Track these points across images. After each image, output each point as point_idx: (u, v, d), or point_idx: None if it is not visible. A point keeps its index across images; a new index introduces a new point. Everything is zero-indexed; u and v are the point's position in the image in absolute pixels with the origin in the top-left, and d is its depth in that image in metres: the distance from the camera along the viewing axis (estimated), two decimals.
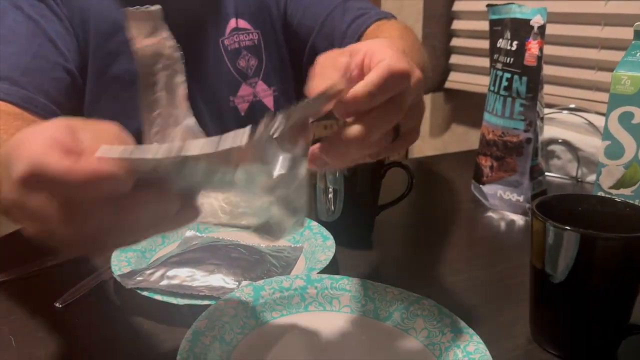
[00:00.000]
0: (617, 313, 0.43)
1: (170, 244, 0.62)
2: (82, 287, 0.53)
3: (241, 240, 0.61)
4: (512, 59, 0.74)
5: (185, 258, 0.54)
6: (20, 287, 0.55)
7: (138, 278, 0.50)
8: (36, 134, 0.31)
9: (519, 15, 0.72)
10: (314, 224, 0.64)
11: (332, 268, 0.57)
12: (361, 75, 0.39)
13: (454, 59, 1.71)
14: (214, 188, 0.35)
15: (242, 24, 0.89)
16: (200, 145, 0.28)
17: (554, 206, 0.46)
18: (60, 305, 0.51)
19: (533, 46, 0.71)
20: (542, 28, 0.70)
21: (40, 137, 0.30)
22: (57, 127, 0.31)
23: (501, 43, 0.76)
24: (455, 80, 1.72)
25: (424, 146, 1.94)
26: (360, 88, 0.37)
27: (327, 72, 0.39)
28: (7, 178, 0.31)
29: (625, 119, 0.58)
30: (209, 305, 0.45)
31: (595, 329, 0.43)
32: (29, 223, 0.33)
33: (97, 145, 0.30)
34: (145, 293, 0.49)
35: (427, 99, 1.88)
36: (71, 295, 0.52)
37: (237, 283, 0.50)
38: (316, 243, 0.61)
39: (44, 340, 0.46)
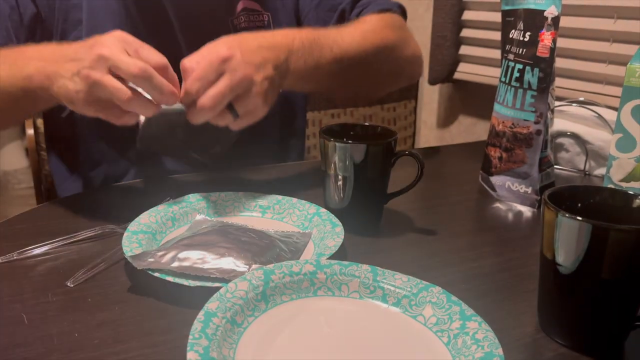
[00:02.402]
0: (626, 305, 0.43)
1: (180, 227, 0.62)
2: (93, 268, 0.54)
3: (250, 225, 0.61)
4: (524, 50, 0.73)
5: (196, 241, 0.54)
6: (32, 266, 0.55)
7: (149, 259, 0.51)
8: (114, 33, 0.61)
9: (532, 6, 0.72)
10: (323, 210, 0.65)
11: (341, 254, 0.57)
12: None
13: (464, 49, 1.70)
14: None
15: (252, 5, 0.90)
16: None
17: (565, 197, 0.46)
18: (72, 285, 0.51)
19: (546, 37, 0.71)
20: (556, 19, 0.70)
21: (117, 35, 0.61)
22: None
23: (513, 34, 0.76)
24: (464, 71, 1.71)
25: (431, 137, 1.94)
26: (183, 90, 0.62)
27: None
28: (87, 53, 0.59)
29: (637, 112, 0.58)
30: (219, 287, 0.45)
31: (604, 320, 0.44)
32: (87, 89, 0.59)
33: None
34: (156, 274, 0.49)
35: (435, 89, 1.87)
36: (82, 275, 0.53)
37: (247, 266, 0.51)
38: (325, 229, 0.61)
39: (56, 318, 0.47)
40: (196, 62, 0.62)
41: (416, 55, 0.93)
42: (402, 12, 0.95)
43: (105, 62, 0.58)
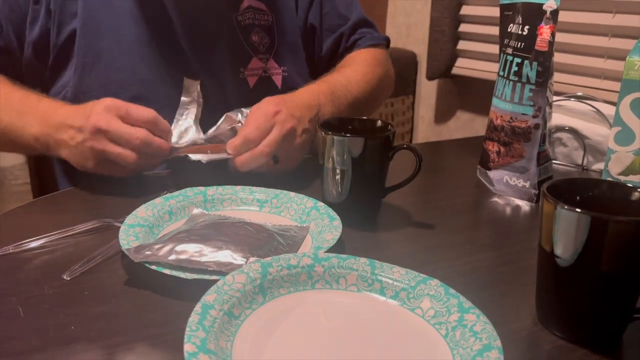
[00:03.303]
0: (625, 297, 0.43)
1: (177, 221, 0.62)
2: (90, 261, 0.54)
3: (247, 219, 0.61)
4: (522, 44, 0.73)
5: (193, 234, 0.54)
6: (29, 259, 0.55)
7: (146, 252, 0.50)
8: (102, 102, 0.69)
9: (531, 0, 0.72)
10: (321, 204, 0.64)
11: (339, 248, 0.57)
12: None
13: (462, 45, 1.70)
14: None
15: (257, 4, 0.93)
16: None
17: (563, 190, 0.46)
18: (68, 278, 0.51)
19: (545, 31, 0.70)
20: (554, 12, 0.70)
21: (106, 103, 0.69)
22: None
23: (512, 27, 0.75)
24: (463, 66, 1.71)
25: (429, 132, 1.94)
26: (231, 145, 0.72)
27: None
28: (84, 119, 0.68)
29: (636, 106, 0.58)
30: (217, 280, 0.45)
31: (602, 312, 0.44)
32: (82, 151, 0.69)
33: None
34: (153, 267, 0.49)
35: (433, 84, 1.87)
36: (79, 269, 0.52)
37: (245, 259, 0.51)
38: (323, 223, 0.61)
39: (52, 311, 0.47)
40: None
41: (393, 80, 1.08)
42: (387, 44, 1.08)
43: (105, 134, 0.67)
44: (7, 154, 3.11)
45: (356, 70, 0.95)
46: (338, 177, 0.65)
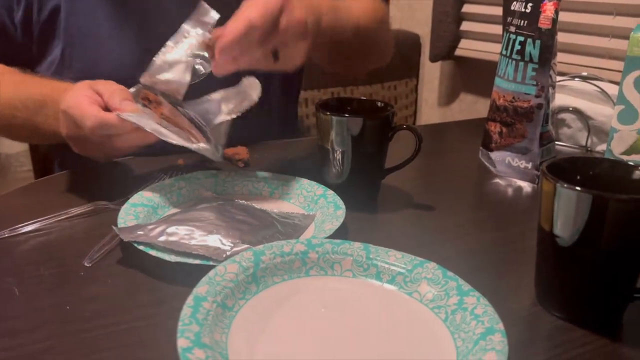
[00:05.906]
0: (625, 276, 0.43)
1: (185, 203, 0.62)
2: (102, 245, 0.53)
3: (257, 205, 0.60)
4: (525, 22, 0.72)
5: (188, 216, 0.53)
6: (24, 241, 0.55)
7: (139, 232, 0.50)
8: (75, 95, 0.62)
9: None
10: (330, 192, 0.62)
11: (338, 230, 0.56)
12: None
13: (465, 25, 1.67)
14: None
15: None
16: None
17: (564, 169, 0.45)
18: (89, 264, 0.50)
19: (548, 8, 0.69)
20: None
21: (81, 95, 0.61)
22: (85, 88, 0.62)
23: (515, 5, 0.74)
24: (466, 47, 1.69)
25: (432, 114, 1.92)
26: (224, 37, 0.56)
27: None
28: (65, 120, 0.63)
29: None
30: (200, 264, 0.44)
31: (602, 292, 0.43)
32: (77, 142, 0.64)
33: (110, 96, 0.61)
34: (141, 247, 0.49)
35: (437, 67, 1.85)
36: (96, 253, 0.52)
37: (232, 245, 0.50)
38: (328, 212, 0.59)
39: (47, 291, 0.47)
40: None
41: (391, 36, 0.99)
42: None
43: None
44: (12, 141, 3.11)
45: (359, 5, 0.86)
46: (337, 158, 0.64)
